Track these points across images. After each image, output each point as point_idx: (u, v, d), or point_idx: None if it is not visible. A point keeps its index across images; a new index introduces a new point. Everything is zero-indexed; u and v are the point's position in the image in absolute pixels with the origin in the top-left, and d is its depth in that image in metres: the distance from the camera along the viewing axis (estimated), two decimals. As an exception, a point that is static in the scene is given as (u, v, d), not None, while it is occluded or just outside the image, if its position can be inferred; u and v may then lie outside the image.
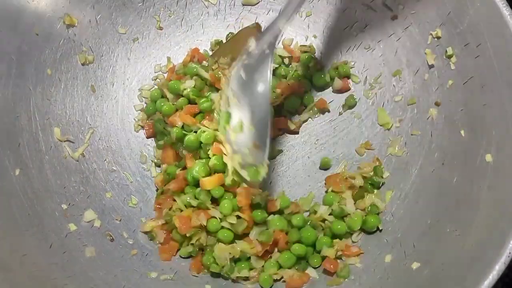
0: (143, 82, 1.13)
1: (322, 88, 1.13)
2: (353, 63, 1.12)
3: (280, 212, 1.00)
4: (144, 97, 1.12)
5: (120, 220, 1.01)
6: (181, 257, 0.99)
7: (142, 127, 1.11)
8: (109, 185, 1.04)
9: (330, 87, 1.12)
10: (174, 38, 1.16)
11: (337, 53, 1.13)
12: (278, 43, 1.00)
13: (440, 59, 1.00)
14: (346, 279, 0.94)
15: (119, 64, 1.11)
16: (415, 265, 0.87)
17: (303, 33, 1.15)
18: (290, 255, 0.97)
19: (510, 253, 0.75)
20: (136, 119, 1.11)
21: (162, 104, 1.07)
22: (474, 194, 0.87)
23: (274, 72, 1.12)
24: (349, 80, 1.12)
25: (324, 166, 1.08)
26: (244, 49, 0.99)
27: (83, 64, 1.06)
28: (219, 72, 1.06)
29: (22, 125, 0.95)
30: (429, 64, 1.01)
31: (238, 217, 0.96)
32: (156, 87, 1.12)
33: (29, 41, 0.97)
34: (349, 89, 1.12)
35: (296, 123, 1.10)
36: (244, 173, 0.97)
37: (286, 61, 1.13)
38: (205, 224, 0.96)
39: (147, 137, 1.10)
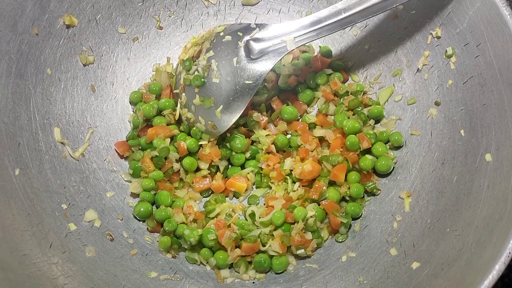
0: (143, 82, 1.13)
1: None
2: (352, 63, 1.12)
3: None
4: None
5: (120, 220, 1.01)
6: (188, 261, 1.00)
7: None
8: (109, 185, 1.03)
9: None
10: (174, 38, 1.16)
11: (337, 53, 1.14)
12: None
13: (440, 59, 1.00)
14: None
15: (119, 64, 1.11)
16: (415, 265, 0.87)
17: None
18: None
19: (510, 253, 0.75)
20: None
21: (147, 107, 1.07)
22: (474, 194, 0.87)
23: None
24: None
25: None
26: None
27: (84, 65, 1.06)
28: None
29: (22, 125, 0.95)
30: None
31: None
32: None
33: (29, 41, 0.97)
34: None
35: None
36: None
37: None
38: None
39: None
